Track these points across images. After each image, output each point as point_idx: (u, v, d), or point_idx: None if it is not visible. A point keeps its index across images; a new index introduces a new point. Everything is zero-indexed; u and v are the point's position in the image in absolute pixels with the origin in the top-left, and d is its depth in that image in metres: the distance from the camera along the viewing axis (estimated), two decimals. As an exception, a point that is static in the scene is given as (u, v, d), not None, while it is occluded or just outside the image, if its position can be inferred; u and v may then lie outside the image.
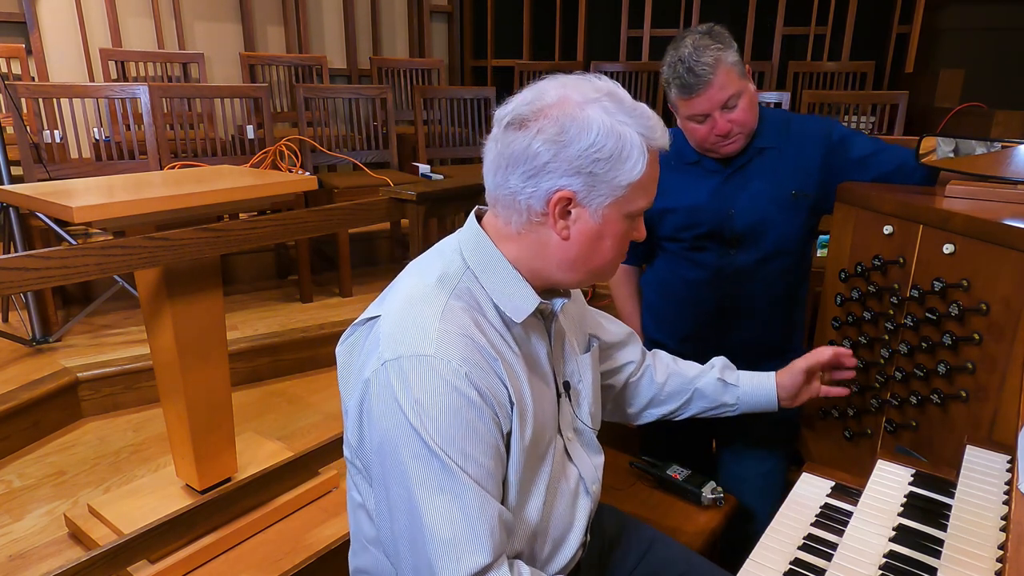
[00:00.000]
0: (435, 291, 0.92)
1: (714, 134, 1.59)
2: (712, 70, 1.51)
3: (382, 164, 3.92)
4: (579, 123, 0.88)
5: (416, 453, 0.85)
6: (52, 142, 3.10)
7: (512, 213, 0.94)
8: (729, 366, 1.39)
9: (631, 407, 1.38)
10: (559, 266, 0.96)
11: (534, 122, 0.89)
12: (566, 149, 0.88)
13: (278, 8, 5.02)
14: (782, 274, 1.74)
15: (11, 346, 2.76)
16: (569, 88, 0.91)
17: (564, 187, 0.90)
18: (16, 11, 3.98)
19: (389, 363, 0.87)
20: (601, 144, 0.87)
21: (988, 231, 1.20)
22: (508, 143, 0.91)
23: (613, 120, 0.88)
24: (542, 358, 1.02)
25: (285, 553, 1.88)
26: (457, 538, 0.83)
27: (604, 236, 0.93)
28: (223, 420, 1.94)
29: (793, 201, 1.69)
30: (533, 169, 0.89)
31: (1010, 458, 1.06)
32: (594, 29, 5.33)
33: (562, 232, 0.93)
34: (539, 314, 1.01)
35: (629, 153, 0.89)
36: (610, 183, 0.89)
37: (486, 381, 0.88)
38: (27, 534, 1.93)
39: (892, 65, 4.64)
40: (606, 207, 0.91)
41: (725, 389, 1.34)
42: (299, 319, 3.19)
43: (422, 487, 0.84)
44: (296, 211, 2.14)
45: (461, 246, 0.98)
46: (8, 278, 1.41)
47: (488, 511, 0.86)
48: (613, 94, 0.91)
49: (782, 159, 1.68)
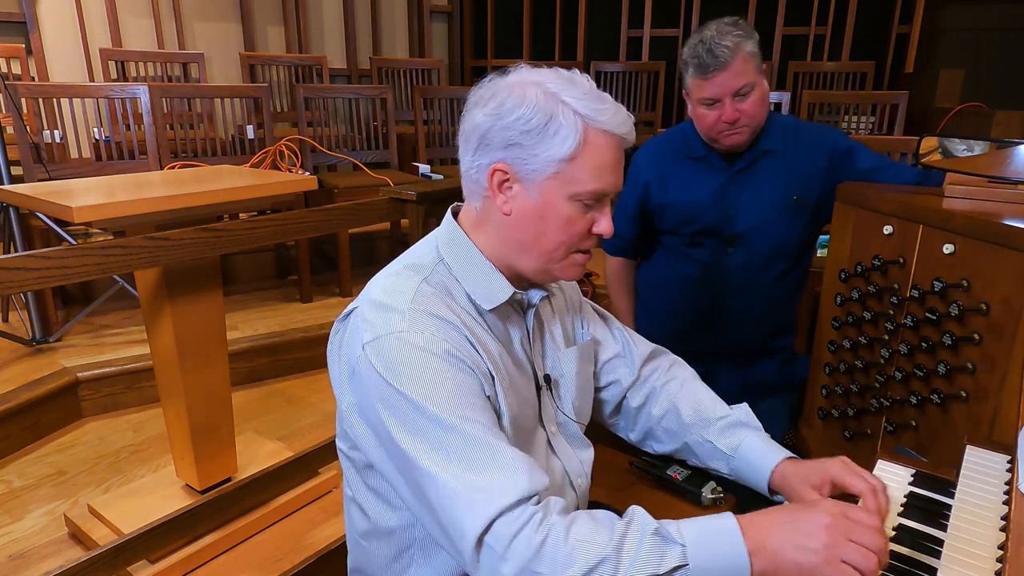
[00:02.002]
0: (407, 277, 0.95)
1: (722, 120, 1.61)
2: (731, 54, 1.55)
3: (382, 164, 3.91)
4: (515, 98, 0.92)
5: (410, 421, 0.85)
6: (52, 142, 3.10)
7: (471, 193, 0.99)
8: (742, 422, 1.13)
9: (632, 433, 1.27)
10: (513, 249, 0.98)
11: (485, 100, 0.94)
12: (500, 120, 0.92)
13: (278, 8, 5.02)
14: (777, 277, 1.76)
15: (11, 346, 2.76)
16: (532, 74, 0.95)
17: (499, 159, 0.93)
18: (16, 11, 3.98)
19: (368, 345, 0.89)
20: (529, 117, 0.90)
21: (988, 231, 1.20)
22: (465, 121, 0.97)
23: (551, 98, 0.91)
24: (516, 346, 1.03)
25: (285, 553, 1.88)
26: (471, 487, 0.81)
27: (546, 216, 0.94)
28: (223, 420, 1.94)
29: (794, 206, 1.70)
30: (477, 142, 0.95)
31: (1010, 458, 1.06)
32: (594, 29, 5.33)
33: (504, 207, 0.95)
34: (517, 305, 1.03)
35: (557, 128, 0.90)
36: (539, 157, 0.91)
37: (464, 350, 0.90)
38: (27, 534, 1.93)
39: (892, 65, 4.64)
40: (542, 184, 0.92)
41: (716, 454, 1.13)
42: (299, 319, 3.19)
43: (425, 453, 0.84)
44: (296, 211, 2.14)
45: (437, 241, 1.02)
46: (8, 278, 1.41)
47: (500, 454, 0.83)
48: (571, 79, 0.94)
49: (787, 164, 1.71)
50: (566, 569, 0.76)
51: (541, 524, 0.78)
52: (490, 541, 0.78)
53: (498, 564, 0.78)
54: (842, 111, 3.94)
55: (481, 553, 0.79)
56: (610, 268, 1.99)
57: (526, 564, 0.77)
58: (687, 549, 0.76)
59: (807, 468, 1.01)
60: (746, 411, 1.14)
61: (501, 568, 0.78)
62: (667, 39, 5.16)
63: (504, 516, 0.79)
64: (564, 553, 0.76)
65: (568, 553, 0.76)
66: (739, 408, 1.15)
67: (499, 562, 0.78)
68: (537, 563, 0.76)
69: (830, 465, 0.99)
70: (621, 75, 4.88)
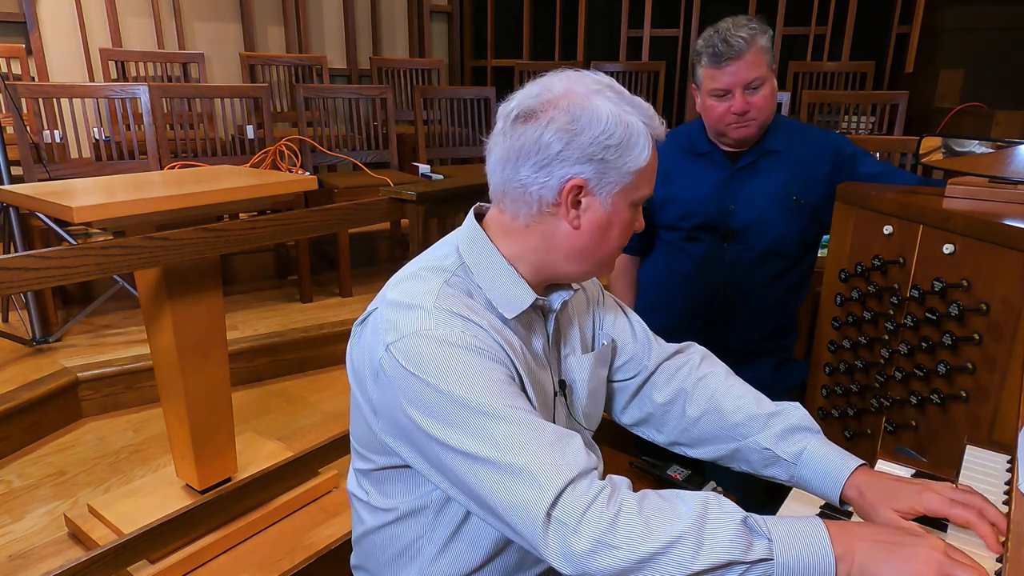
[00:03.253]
0: (428, 279, 0.94)
1: (731, 112, 1.63)
2: (746, 44, 1.57)
3: (382, 164, 3.91)
4: (589, 112, 0.90)
5: (450, 415, 0.83)
6: (52, 142, 3.10)
7: (521, 206, 0.95)
8: (802, 427, 1.04)
9: (660, 435, 1.17)
10: (567, 257, 0.97)
11: (543, 113, 0.91)
12: (578, 137, 0.90)
13: (278, 8, 5.02)
14: (773, 276, 1.76)
15: (11, 346, 2.76)
16: (573, 81, 0.93)
17: (577, 175, 0.91)
18: (16, 11, 3.98)
19: (393, 345, 0.87)
20: (611, 131, 0.90)
21: (988, 231, 1.20)
22: (517, 136, 0.92)
23: (619, 109, 0.91)
24: (538, 350, 1.02)
25: (285, 553, 1.89)
26: (529, 466, 0.78)
27: (612, 225, 0.95)
28: (223, 420, 1.94)
29: (795, 207, 1.71)
30: (545, 159, 0.91)
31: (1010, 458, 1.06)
32: (594, 29, 5.33)
33: (573, 222, 0.94)
34: (538, 311, 1.02)
35: (636, 140, 0.91)
36: (620, 170, 0.91)
37: (490, 345, 0.89)
38: (27, 534, 1.93)
39: (892, 65, 4.64)
40: (615, 195, 0.93)
41: (775, 462, 1.04)
42: (299, 319, 3.19)
43: (473, 443, 0.82)
44: (296, 211, 2.13)
45: (458, 243, 0.99)
46: (8, 278, 1.41)
47: (550, 433, 0.82)
48: (613, 86, 0.94)
49: (789, 164, 1.72)
50: (643, 543, 0.74)
51: (612, 498, 0.77)
52: (559, 516, 0.76)
53: (570, 539, 0.75)
54: (842, 111, 3.94)
55: (550, 529, 0.76)
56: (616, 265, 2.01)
57: (600, 537, 0.74)
58: (773, 544, 0.75)
59: (891, 489, 0.93)
60: (803, 413, 1.06)
61: (574, 543, 0.75)
62: (667, 39, 5.16)
63: (571, 489, 0.77)
64: (640, 527, 0.75)
65: (644, 527, 0.75)
66: (793, 408, 1.06)
67: (572, 536, 0.75)
68: (612, 536, 0.75)
69: (926, 496, 0.89)
70: (621, 75, 4.88)
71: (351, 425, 1.03)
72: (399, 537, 1.01)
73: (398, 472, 0.98)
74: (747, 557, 0.74)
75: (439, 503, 0.96)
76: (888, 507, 0.91)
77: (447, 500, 0.96)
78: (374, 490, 1.02)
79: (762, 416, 1.06)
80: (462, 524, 0.96)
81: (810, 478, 1.01)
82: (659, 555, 0.74)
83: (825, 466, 0.99)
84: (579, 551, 0.75)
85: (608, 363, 1.16)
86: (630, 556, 0.74)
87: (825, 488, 0.99)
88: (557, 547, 0.76)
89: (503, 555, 0.99)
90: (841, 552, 0.75)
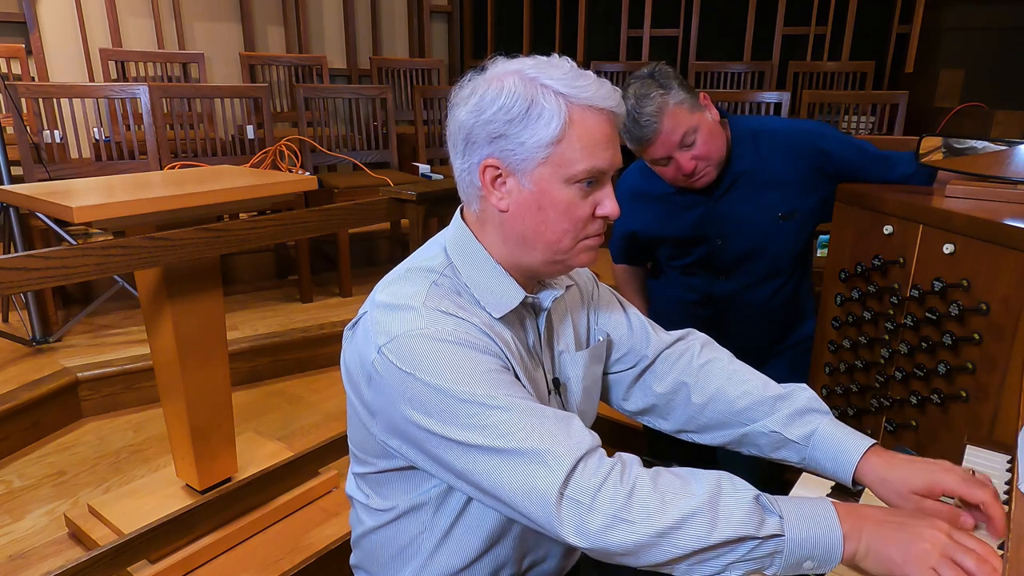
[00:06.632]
0: (416, 280, 0.93)
1: (681, 174, 1.57)
2: (656, 119, 1.49)
3: (382, 164, 3.91)
4: (492, 89, 0.89)
5: (448, 410, 0.83)
6: (52, 142, 3.10)
7: (468, 196, 0.96)
8: (811, 408, 1.02)
9: (665, 423, 1.16)
10: (517, 245, 0.95)
11: (464, 99, 0.92)
12: (481, 115, 0.90)
13: (278, 8, 5.02)
14: (776, 292, 1.75)
15: (11, 346, 2.76)
16: (509, 64, 0.92)
17: (488, 155, 0.91)
18: (16, 11, 3.99)
19: (384, 347, 0.87)
20: (510, 106, 0.88)
21: (988, 231, 1.20)
22: (448, 125, 0.95)
23: (530, 83, 0.88)
24: (532, 349, 1.02)
25: (285, 553, 1.89)
26: (534, 449, 0.79)
27: (544, 206, 0.91)
28: (223, 420, 1.94)
29: (781, 223, 1.67)
30: (464, 141, 0.92)
31: (1010, 458, 1.06)
32: (594, 29, 5.33)
33: (499, 203, 0.93)
34: (530, 309, 1.02)
35: (540, 112, 0.88)
36: (526, 144, 0.88)
37: (482, 340, 0.89)
38: (27, 534, 1.93)
39: (892, 65, 4.64)
40: (534, 172, 0.90)
41: (785, 444, 1.03)
42: (299, 319, 3.19)
43: (475, 435, 0.82)
44: (296, 211, 2.14)
45: (446, 242, 0.99)
46: (8, 278, 1.41)
47: (552, 417, 0.82)
48: (548, 62, 0.91)
49: (764, 179, 1.65)
50: (659, 517, 0.75)
51: (624, 474, 0.78)
52: (572, 494, 0.77)
53: (585, 516, 0.76)
54: (842, 111, 3.94)
55: (564, 508, 0.77)
56: (617, 273, 2.01)
57: (616, 513, 0.75)
58: (784, 521, 0.76)
59: (905, 468, 0.91)
60: (810, 394, 1.03)
61: (589, 520, 0.76)
62: (667, 39, 5.16)
63: (581, 467, 0.78)
64: (656, 502, 0.76)
65: (660, 502, 0.76)
66: (800, 390, 1.04)
67: (587, 513, 0.76)
68: (628, 511, 0.75)
69: (942, 476, 0.88)
70: (621, 75, 4.88)
71: (349, 429, 1.03)
72: (399, 535, 1.01)
73: (397, 474, 0.98)
74: (759, 532, 0.75)
75: (438, 499, 0.97)
76: (905, 486, 0.90)
77: (446, 495, 0.96)
78: (373, 492, 1.02)
79: (769, 399, 1.04)
80: (462, 513, 0.97)
81: (822, 459, 0.99)
82: (675, 529, 0.75)
83: (837, 447, 0.97)
84: (595, 527, 0.76)
85: (603, 359, 1.15)
86: (647, 530, 0.75)
87: (837, 469, 0.97)
88: (572, 525, 0.77)
89: (499, 544, 0.99)
90: (849, 530, 0.77)
